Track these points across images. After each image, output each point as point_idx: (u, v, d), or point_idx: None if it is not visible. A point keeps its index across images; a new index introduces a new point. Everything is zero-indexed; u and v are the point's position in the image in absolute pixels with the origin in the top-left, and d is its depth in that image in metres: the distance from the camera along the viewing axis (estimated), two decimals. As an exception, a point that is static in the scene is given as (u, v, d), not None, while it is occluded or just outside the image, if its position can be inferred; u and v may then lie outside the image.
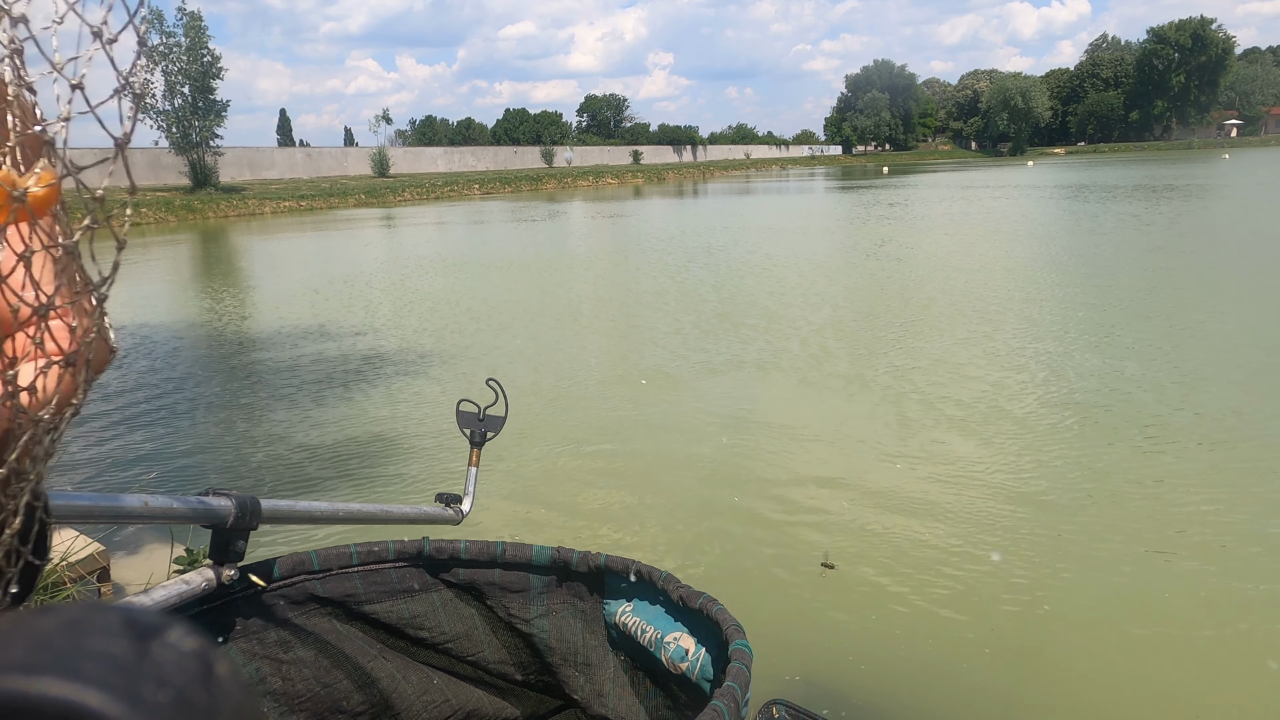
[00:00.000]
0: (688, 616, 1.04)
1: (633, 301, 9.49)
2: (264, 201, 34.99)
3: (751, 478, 4.20)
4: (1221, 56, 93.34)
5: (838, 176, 53.57)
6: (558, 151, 72.20)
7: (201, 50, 37.49)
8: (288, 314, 9.68)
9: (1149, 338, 6.60)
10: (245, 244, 21.30)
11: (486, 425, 1.39)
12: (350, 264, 14.68)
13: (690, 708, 1.05)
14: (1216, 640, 2.71)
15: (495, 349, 7.37)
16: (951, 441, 4.54)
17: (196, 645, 0.15)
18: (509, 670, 1.22)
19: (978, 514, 3.64)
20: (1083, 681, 2.51)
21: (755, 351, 6.76)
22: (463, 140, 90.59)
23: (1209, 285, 8.75)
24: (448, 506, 1.29)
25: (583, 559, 1.13)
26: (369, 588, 1.12)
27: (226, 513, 0.91)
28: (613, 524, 3.74)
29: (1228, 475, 3.93)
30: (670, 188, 46.12)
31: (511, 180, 50.04)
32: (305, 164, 51.00)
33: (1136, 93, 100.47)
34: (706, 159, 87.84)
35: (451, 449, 4.71)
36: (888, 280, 10.12)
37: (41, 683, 0.13)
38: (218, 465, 4.73)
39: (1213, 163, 45.40)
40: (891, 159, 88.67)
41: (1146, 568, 3.15)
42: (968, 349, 6.49)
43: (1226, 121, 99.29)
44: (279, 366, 7.08)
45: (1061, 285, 9.24)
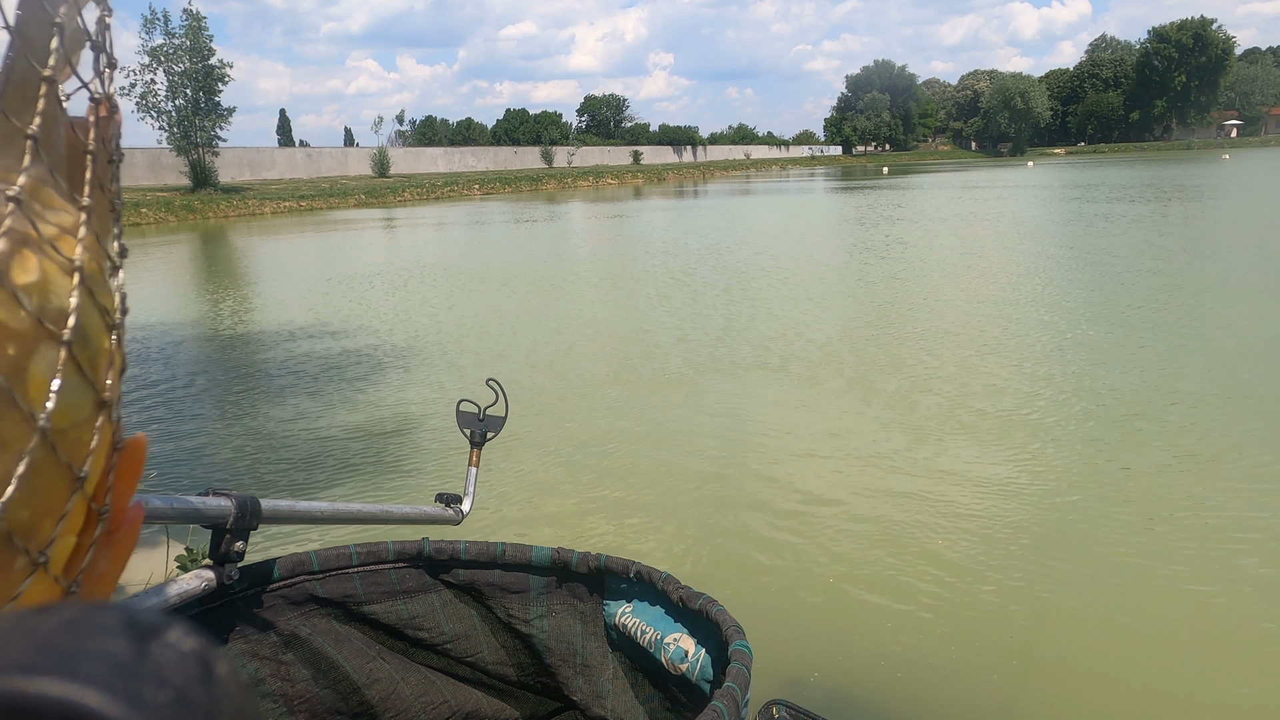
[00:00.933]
0: (687, 617, 1.04)
1: (634, 302, 9.50)
2: (264, 202, 35.00)
3: (752, 478, 4.20)
4: (1222, 57, 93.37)
5: (838, 177, 53.59)
6: (559, 152, 72.23)
7: (205, 51, 37.53)
8: (288, 314, 9.69)
9: (1169, 345, 6.60)
10: (245, 245, 21.31)
11: (486, 425, 1.39)
12: (350, 266, 14.69)
13: (690, 709, 1.05)
14: (1220, 643, 2.71)
15: (496, 350, 7.37)
16: (955, 444, 4.54)
17: (196, 645, 0.15)
18: (508, 671, 1.21)
19: (979, 515, 3.64)
20: (1084, 683, 2.51)
21: (758, 355, 6.76)
22: (463, 140, 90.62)
23: (1231, 288, 8.66)
24: (448, 507, 1.29)
25: (582, 560, 1.13)
26: (369, 588, 1.12)
27: (226, 513, 0.91)
28: (612, 524, 3.74)
29: (1255, 482, 3.93)
30: (670, 188, 46.15)
31: (511, 180, 50.06)
32: (305, 164, 51.02)
33: (1136, 93, 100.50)
34: (706, 159, 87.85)
35: (452, 449, 4.71)
36: (900, 283, 10.13)
37: (41, 683, 0.13)
38: (218, 465, 4.73)
39: (1215, 163, 45.39)
40: (891, 159, 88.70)
41: (1150, 570, 3.15)
42: (984, 357, 6.49)
43: (1226, 122, 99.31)
44: (279, 366, 7.08)
45: (1077, 287, 9.24)
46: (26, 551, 0.20)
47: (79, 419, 0.22)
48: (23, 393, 0.20)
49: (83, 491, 0.22)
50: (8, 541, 0.20)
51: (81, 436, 0.22)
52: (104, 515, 0.24)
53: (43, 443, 0.20)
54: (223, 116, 38.24)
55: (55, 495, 0.22)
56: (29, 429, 0.20)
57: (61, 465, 0.21)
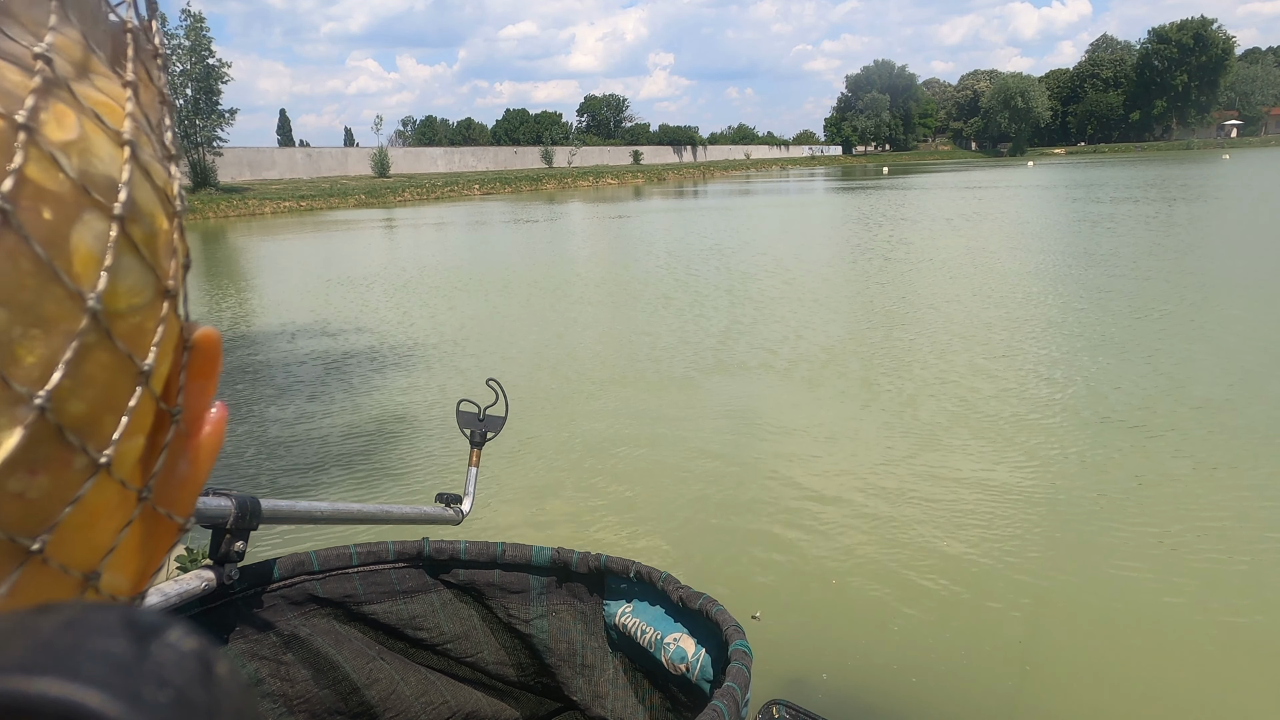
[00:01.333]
0: (688, 617, 1.04)
1: (637, 303, 9.50)
2: (264, 202, 35.02)
3: (753, 479, 4.20)
4: (1222, 57, 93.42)
5: (838, 177, 53.59)
6: (559, 152, 72.27)
7: (204, 52, 37.57)
8: (288, 314, 9.69)
9: (1185, 345, 6.60)
10: (245, 245, 21.32)
11: (486, 425, 1.39)
12: (350, 267, 14.69)
13: (690, 709, 1.05)
14: (1222, 645, 2.70)
15: (497, 351, 7.37)
16: (962, 447, 4.53)
17: (196, 645, 0.15)
18: (508, 671, 1.21)
19: (984, 519, 3.64)
20: (1085, 685, 2.51)
21: (763, 357, 6.76)
22: (463, 140, 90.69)
23: (1244, 290, 8.56)
24: (448, 507, 1.29)
25: (582, 560, 1.13)
26: (368, 588, 1.12)
27: (226, 513, 0.91)
28: (613, 524, 3.74)
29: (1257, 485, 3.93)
30: (670, 188, 46.15)
31: (511, 180, 50.09)
32: (305, 164, 51.04)
33: (1137, 93, 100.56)
34: (706, 159, 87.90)
35: (452, 450, 4.71)
36: (907, 284, 10.12)
37: (41, 682, 0.13)
38: (218, 465, 4.72)
39: (1215, 163, 45.35)
40: (891, 159, 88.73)
41: (1153, 572, 3.14)
42: (994, 360, 6.49)
43: (1226, 122, 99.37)
44: (279, 366, 7.08)
45: (1090, 290, 9.24)
46: (85, 450, 0.19)
47: (137, 304, 0.20)
48: (65, 265, 0.18)
49: (149, 388, 0.21)
50: (59, 437, 0.18)
51: (143, 325, 0.21)
52: (176, 417, 0.23)
53: (94, 326, 0.18)
54: (225, 118, 38.28)
55: (115, 389, 0.20)
56: (76, 308, 0.18)
57: (119, 355, 0.20)
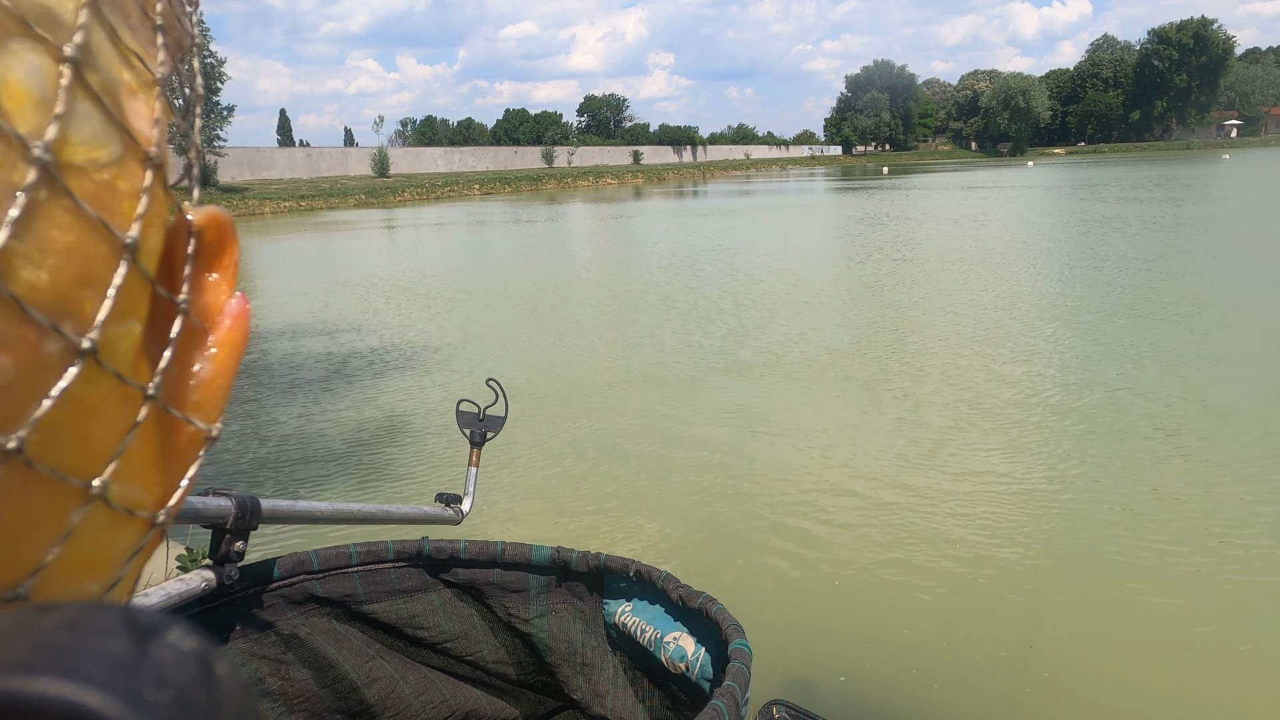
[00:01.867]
0: (687, 616, 1.04)
1: (638, 304, 9.50)
2: (264, 202, 35.03)
3: (753, 480, 4.20)
4: (1222, 57, 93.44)
5: (838, 177, 53.59)
6: (559, 152, 72.30)
7: (204, 51, 37.55)
8: (288, 315, 9.69)
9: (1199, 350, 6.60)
10: (245, 245, 21.30)
11: (486, 425, 1.39)
12: (351, 267, 14.69)
13: (690, 708, 1.05)
14: (1225, 647, 2.71)
15: (498, 352, 7.38)
16: (971, 451, 4.53)
17: (196, 645, 0.15)
18: (508, 670, 1.22)
19: (981, 517, 3.64)
20: (1085, 687, 2.51)
21: (769, 359, 6.76)
22: (463, 140, 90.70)
23: (1259, 293, 8.43)
24: (448, 506, 1.29)
25: (582, 559, 1.13)
26: (368, 588, 1.12)
27: (226, 513, 0.91)
28: (612, 524, 3.74)
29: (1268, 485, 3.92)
30: (670, 188, 46.15)
31: (511, 180, 50.10)
32: (305, 164, 51.05)
33: (1136, 93, 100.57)
34: (706, 159, 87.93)
35: (452, 450, 4.71)
36: (916, 285, 10.12)
37: (41, 683, 0.13)
38: (217, 465, 4.73)
39: (1216, 163, 45.33)
40: (891, 159, 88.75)
41: (1155, 574, 3.14)
42: (1008, 365, 6.49)
43: (1226, 122, 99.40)
44: (280, 366, 7.08)
45: (1102, 293, 9.23)
46: (59, 330, 0.16)
47: (99, 159, 0.17)
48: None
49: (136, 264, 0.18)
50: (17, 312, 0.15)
51: (113, 185, 0.18)
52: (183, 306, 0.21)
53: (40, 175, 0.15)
54: (223, 117, 38.28)
55: (89, 261, 0.17)
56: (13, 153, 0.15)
57: (86, 218, 0.17)
